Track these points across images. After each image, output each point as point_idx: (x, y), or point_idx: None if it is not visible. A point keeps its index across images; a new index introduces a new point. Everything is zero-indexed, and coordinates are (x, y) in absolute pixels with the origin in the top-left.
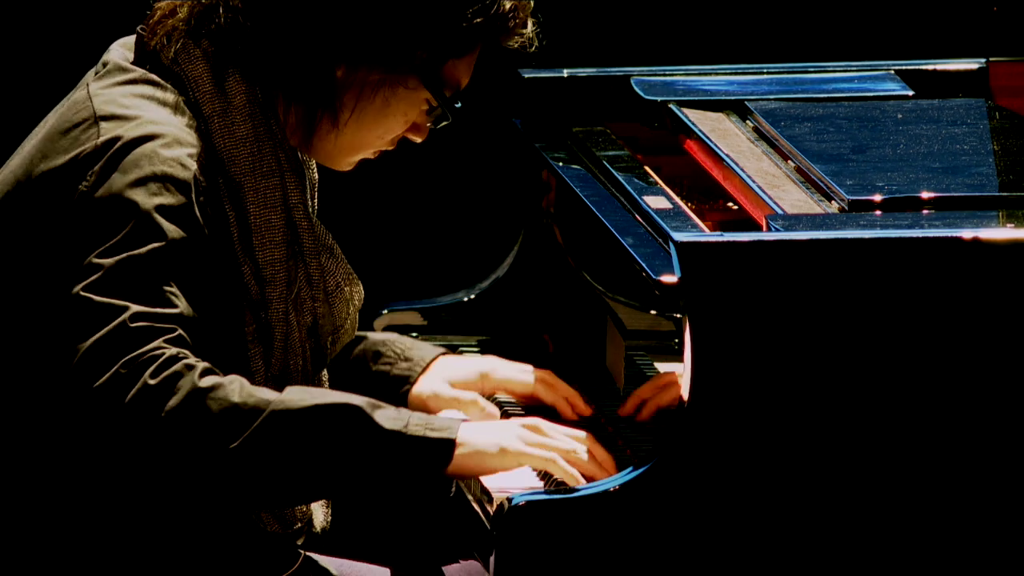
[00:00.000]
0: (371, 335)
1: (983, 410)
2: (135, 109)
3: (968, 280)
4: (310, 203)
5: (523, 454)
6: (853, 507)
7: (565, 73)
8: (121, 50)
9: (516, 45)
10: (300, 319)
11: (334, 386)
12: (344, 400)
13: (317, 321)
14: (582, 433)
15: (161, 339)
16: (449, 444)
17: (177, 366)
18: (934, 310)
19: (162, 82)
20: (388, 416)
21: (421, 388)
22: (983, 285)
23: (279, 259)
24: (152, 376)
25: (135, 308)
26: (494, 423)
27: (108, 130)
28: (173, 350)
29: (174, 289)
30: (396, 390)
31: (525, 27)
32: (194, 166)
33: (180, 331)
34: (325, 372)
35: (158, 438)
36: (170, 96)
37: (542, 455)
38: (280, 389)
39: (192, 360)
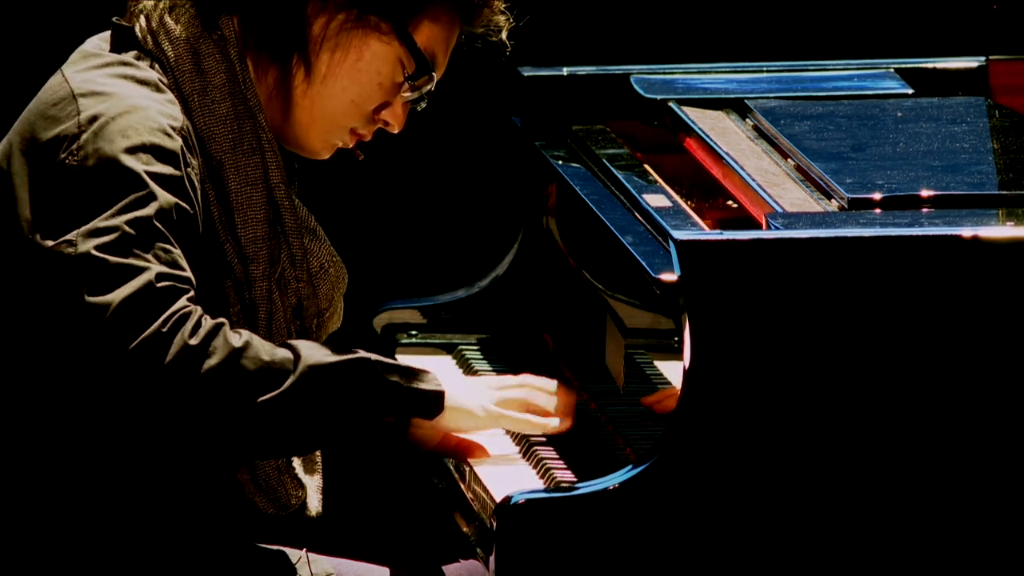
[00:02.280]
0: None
1: (983, 407)
2: (113, 87)
3: (968, 278)
4: (294, 185)
5: (499, 419)
6: (853, 504)
7: (565, 71)
8: (96, 40)
9: (483, 30)
10: (284, 300)
11: None
12: (356, 355)
13: (301, 303)
14: (526, 379)
15: (184, 298)
16: (440, 395)
17: (209, 325)
18: (934, 309)
19: (137, 62)
20: (389, 367)
21: None
22: (983, 283)
23: (261, 237)
24: (191, 335)
25: (157, 267)
26: (467, 384)
27: (89, 106)
28: (199, 309)
29: (180, 252)
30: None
31: (490, 5)
32: (179, 140)
33: (193, 291)
34: None
35: (196, 396)
36: (149, 74)
37: (515, 417)
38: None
39: (220, 318)
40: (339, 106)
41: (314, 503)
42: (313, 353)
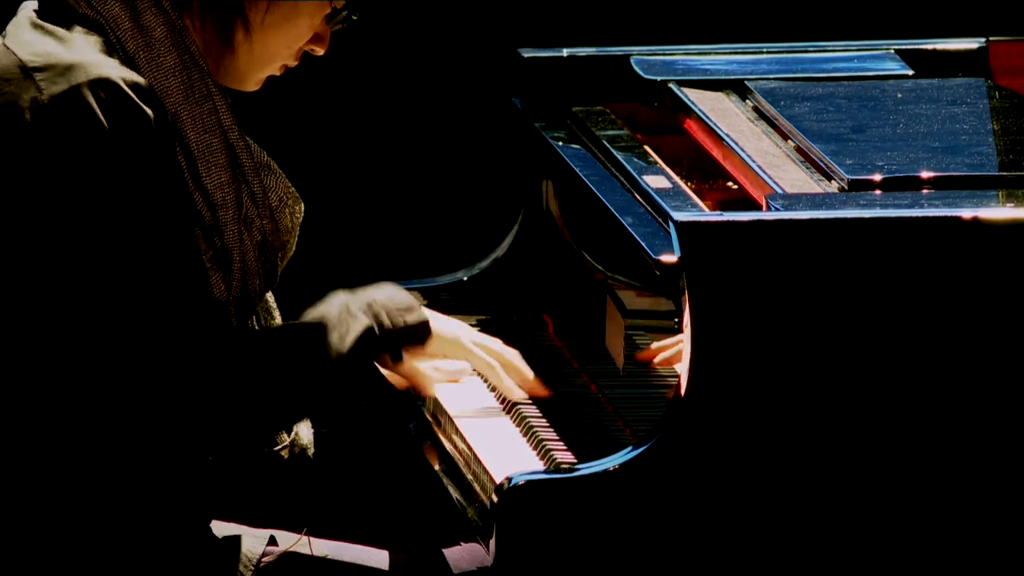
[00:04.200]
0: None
1: (983, 388)
2: (70, 54)
3: (968, 260)
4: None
5: (471, 352)
6: (854, 488)
7: (565, 53)
8: (29, 9)
9: None
10: (251, 239)
11: None
12: (362, 328)
13: (266, 239)
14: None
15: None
16: (426, 324)
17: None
18: (934, 290)
19: (81, 28)
20: (379, 310)
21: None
22: (983, 265)
23: (227, 181)
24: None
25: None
26: (450, 319)
27: (48, 82)
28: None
29: (184, 268)
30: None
31: None
32: (147, 107)
33: (207, 312)
34: (271, 295)
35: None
36: (94, 39)
37: (485, 359)
38: (245, 313)
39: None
40: (276, 50)
41: (305, 435)
42: (331, 340)
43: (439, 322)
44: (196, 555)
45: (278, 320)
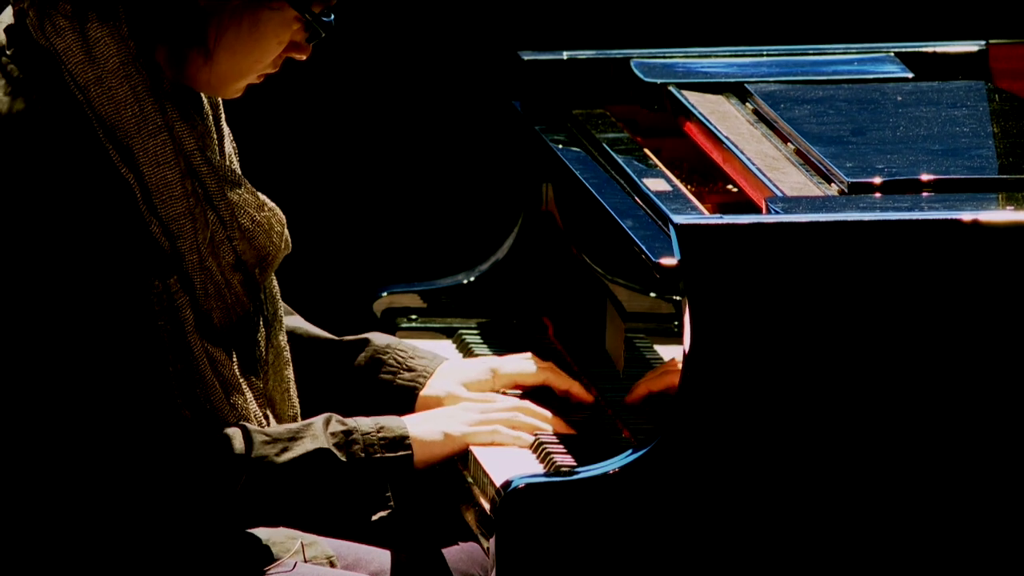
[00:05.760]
0: (373, 339)
1: (983, 390)
2: None
3: (968, 263)
4: (213, 135)
5: (467, 435)
6: (855, 491)
7: (565, 55)
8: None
9: None
10: (221, 261)
11: (342, 392)
12: (313, 447)
13: (240, 258)
14: (521, 402)
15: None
16: (408, 458)
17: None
18: (934, 293)
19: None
20: (351, 444)
21: (434, 391)
22: (983, 268)
23: (183, 213)
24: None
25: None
26: (436, 411)
27: None
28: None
29: (128, 354)
30: (401, 400)
31: None
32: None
33: (157, 399)
34: (284, 337)
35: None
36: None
37: (485, 430)
38: (225, 328)
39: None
40: (241, 68)
41: None
42: (266, 451)
43: (424, 426)
44: None
45: (284, 337)
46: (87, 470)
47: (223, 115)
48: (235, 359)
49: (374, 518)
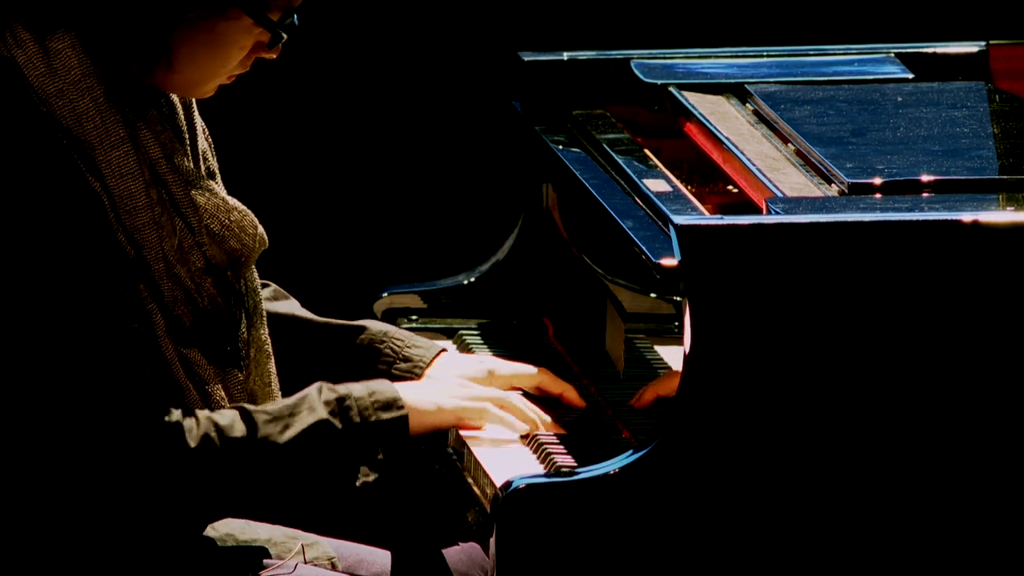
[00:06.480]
0: (370, 326)
1: (983, 391)
2: None
3: (968, 263)
4: (185, 135)
5: (458, 408)
6: (855, 491)
7: (565, 56)
8: None
9: None
10: (191, 267)
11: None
12: (312, 419)
13: (211, 262)
14: (513, 392)
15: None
16: (403, 419)
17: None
18: (934, 293)
19: None
20: (346, 410)
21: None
22: (983, 268)
23: (147, 222)
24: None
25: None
26: (427, 382)
27: None
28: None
29: (103, 336)
30: None
31: None
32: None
33: (137, 387)
34: (265, 331)
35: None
36: None
37: (475, 406)
38: (199, 328)
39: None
40: (207, 74)
41: None
42: (269, 431)
43: (417, 394)
44: None
45: (266, 329)
46: (87, 470)
47: (196, 110)
48: (211, 357)
49: (358, 483)
